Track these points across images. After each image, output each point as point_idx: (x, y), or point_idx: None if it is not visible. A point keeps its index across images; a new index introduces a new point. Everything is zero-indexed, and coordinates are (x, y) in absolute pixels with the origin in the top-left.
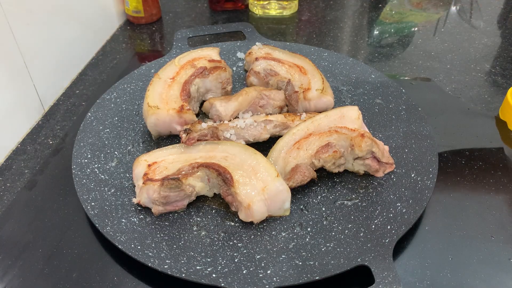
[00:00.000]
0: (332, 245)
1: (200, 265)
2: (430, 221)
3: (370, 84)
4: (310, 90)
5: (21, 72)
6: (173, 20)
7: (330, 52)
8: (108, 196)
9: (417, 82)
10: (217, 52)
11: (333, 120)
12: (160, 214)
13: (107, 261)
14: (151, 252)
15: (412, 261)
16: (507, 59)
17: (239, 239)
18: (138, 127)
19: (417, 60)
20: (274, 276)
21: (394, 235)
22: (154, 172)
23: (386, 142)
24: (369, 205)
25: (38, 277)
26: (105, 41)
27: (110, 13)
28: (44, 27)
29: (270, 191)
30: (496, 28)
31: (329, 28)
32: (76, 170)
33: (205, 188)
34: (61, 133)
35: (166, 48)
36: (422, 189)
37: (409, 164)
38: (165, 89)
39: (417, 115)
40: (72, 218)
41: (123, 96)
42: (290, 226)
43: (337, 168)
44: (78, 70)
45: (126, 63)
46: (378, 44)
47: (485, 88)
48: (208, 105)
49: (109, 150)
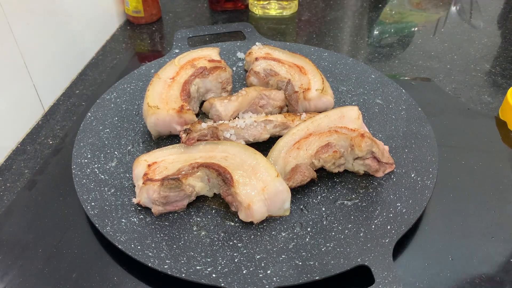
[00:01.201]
0: (332, 245)
1: (200, 265)
2: (430, 221)
3: (370, 84)
4: (310, 90)
5: (21, 72)
6: (173, 20)
7: (330, 52)
8: (108, 196)
9: (417, 82)
10: (217, 52)
11: (333, 120)
12: (160, 214)
13: (107, 261)
14: (151, 252)
15: (412, 261)
16: (507, 59)
17: (239, 239)
18: (138, 127)
19: (417, 60)
20: (274, 276)
21: (394, 235)
22: (154, 172)
23: (386, 142)
24: (369, 205)
25: (38, 277)
26: (105, 41)
27: (110, 13)
28: (44, 27)
29: (270, 191)
30: (496, 28)
31: (329, 28)
32: (76, 170)
33: (205, 188)
34: (61, 133)
35: (166, 48)
36: (422, 189)
37: (409, 164)
38: (165, 89)
39: (417, 115)
40: (72, 218)
41: (123, 96)
42: (290, 226)
43: (337, 168)
44: (78, 70)
45: (126, 63)
46: (378, 44)
47: (485, 88)
48: (208, 105)
49: (109, 150)
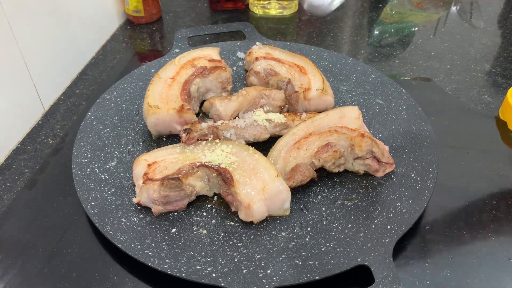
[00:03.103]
0: (332, 245)
1: (200, 264)
2: (430, 221)
3: (370, 84)
4: (310, 90)
5: (21, 72)
6: (173, 20)
7: (330, 52)
8: (108, 196)
9: (417, 82)
10: (217, 51)
11: (333, 120)
12: (160, 214)
13: (107, 261)
14: (151, 251)
15: (412, 261)
16: (507, 59)
17: (239, 238)
18: (138, 127)
19: (417, 60)
20: (274, 275)
21: (394, 235)
22: (154, 172)
23: (386, 142)
24: (369, 205)
25: (38, 277)
26: (105, 41)
27: (110, 13)
28: (44, 27)
29: (270, 191)
30: (496, 28)
31: (329, 28)
32: (76, 169)
33: (205, 188)
34: (61, 133)
35: (166, 47)
36: (422, 189)
37: (409, 164)
38: (165, 89)
39: (417, 115)
40: (72, 218)
41: (123, 95)
42: (290, 226)
43: (337, 168)
44: (78, 70)
45: (126, 63)
46: (378, 44)
47: (485, 88)
48: (208, 105)
49: (109, 149)
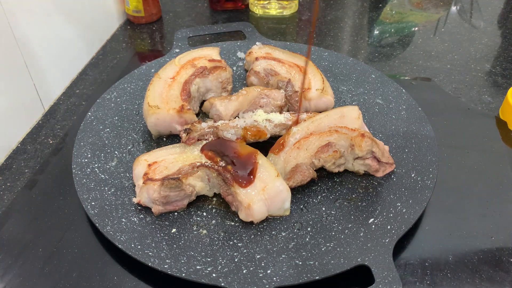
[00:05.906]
0: (332, 245)
1: (200, 264)
2: (430, 221)
3: (370, 84)
4: (310, 90)
5: (21, 72)
6: (173, 20)
7: (330, 52)
8: (108, 196)
9: (417, 82)
10: (217, 51)
11: (333, 120)
12: (160, 214)
13: (107, 261)
14: (151, 251)
15: (412, 261)
16: (507, 59)
17: (239, 239)
18: (138, 127)
19: (417, 60)
20: (274, 275)
21: (394, 235)
22: (154, 172)
23: (386, 142)
24: (369, 205)
25: (38, 277)
26: (105, 41)
27: (110, 13)
28: (44, 27)
29: (270, 191)
30: (496, 28)
31: (329, 28)
32: (76, 169)
33: (205, 188)
34: (61, 133)
35: (166, 47)
36: (422, 189)
37: (409, 164)
38: (165, 89)
39: (417, 115)
40: (72, 218)
41: (123, 95)
42: (290, 226)
43: (337, 168)
44: (78, 70)
45: (126, 63)
46: (378, 44)
47: (485, 88)
48: (208, 105)
49: (109, 149)
